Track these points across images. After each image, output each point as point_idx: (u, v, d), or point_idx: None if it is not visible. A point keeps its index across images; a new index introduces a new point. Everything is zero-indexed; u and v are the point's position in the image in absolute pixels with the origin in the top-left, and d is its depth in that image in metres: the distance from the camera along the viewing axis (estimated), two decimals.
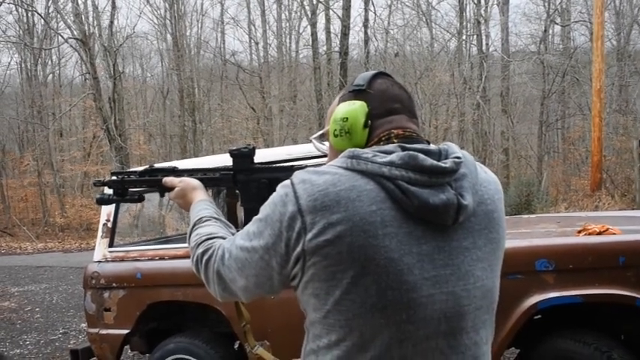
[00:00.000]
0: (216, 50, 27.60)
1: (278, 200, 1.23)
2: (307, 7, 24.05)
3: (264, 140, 23.45)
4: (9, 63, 31.30)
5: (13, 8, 26.13)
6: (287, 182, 1.24)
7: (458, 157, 1.24)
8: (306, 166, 1.58)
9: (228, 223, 1.57)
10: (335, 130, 1.32)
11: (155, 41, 29.21)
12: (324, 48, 23.88)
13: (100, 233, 4.24)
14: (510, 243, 1.96)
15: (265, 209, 1.27)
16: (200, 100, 26.42)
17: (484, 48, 22.48)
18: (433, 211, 1.17)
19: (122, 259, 4.13)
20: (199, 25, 27.42)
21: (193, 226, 1.53)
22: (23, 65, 28.68)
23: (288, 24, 26.24)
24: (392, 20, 24.34)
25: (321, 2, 23.14)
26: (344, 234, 1.14)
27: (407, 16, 24.01)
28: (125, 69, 27.41)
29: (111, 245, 4.21)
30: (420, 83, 20.85)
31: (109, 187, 1.93)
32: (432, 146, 1.26)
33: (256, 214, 1.29)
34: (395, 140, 1.28)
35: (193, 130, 24.98)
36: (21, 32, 27.15)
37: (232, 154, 1.76)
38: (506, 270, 1.38)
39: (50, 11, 25.80)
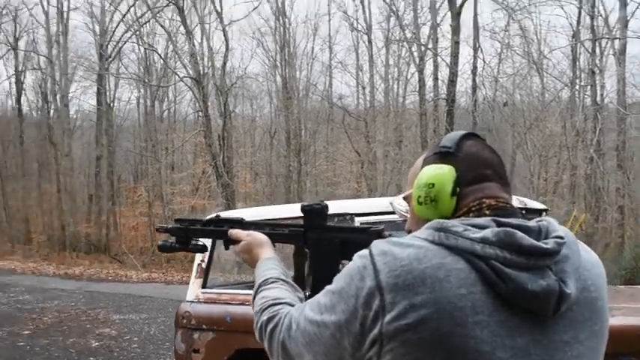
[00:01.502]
0: (323, 93, 28.15)
1: (355, 272, 1.12)
2: (415, 54, 24.11)
3: (368, 185, 23.51)
4: (129, 98, 33.41)
5: (136, 47, 28.17)
6: (365, 252, 1.13)
7: (560, 237, 1.11)
8: (382, 230, 1.58)
9: (296, 286, 1.49)
10: (419, 196, 1.21)
11: (265, 82, 30.24)
12: (431, 95, 23.75)
13: (194, 273, 4.32)
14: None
15: (339, 281, 1.16)
16: (306, 141, 26.93)
17: (598, 99, 21.49)
18: (531, 298, 1.05)
19: (214, 301, 4.12)
20: (309, 69, 28.09)
21: (258, 288, 1.45)
22: (142, 101, 30.64)
23: (395, 69, 26.39)
24: (501, 68, 23.86)
25: (429, 49, 23.12)
26: (428, 319, 1.03)
27: (517, 65, 23.44)
28: (236, 108, 28.52)
29: (204, 286, 4.22)
30: (529, 134, 20.25)
31: (172, 235, 1.87)
32: (531, 223, 1.14)
33: (324, 277, 1.25)
34: (487, 212, 1.16)
35: (298, 171, 25.42)
36: (141, 70, 29.04)
37: (304, 209, 1.66)
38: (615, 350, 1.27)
39: (169, 51, 27.47)
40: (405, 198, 1.38)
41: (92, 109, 30.76)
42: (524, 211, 3.42)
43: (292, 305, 1.34)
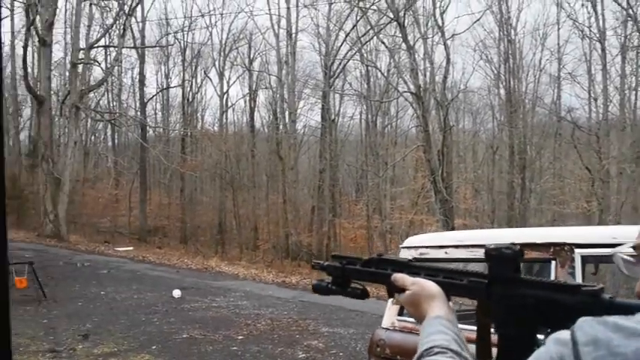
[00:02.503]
0: (551, 106, 28.07)
1: None
2: None
3: (599, 204, 23.06)
4: (353, 114, 36.39)
5: (359, 64, 30.77)
6: (566, 337, 0.92)
7: None
8: (600, 290, 1.17)
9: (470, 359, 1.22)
10: None
11: (488, 96, 30.90)
12: None
13: (390, 299, 4.77)
14: None
15: None
16: (531, 157, 27.05)
17: None
18: None
19: (410, 331, 3.91)
20: (535, 81, 28.23)
21: (420, 358, 1.20)
22: (364, 116, 33.16)
23: (633, 78, 25.54)
24: None
25: None
26: None
27: None
28: (457, 123, 29.60)
29: (401, 313, 4.09)
30: None
31: (328, 274, 1.67)
32: None
33: (513, 347, 1.10)
34: None
35: (522, 188, 25.63)
36: (364, 86, 31.59)
37: (489, 254, 1.34)
38: None
39: (391, 67, 29.57)
40: (635, 247, 1.12)
41: (317, 124, 33.97)
42: None
43: None
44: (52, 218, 26.18)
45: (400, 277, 1.44)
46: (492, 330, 1.38)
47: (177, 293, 14.18)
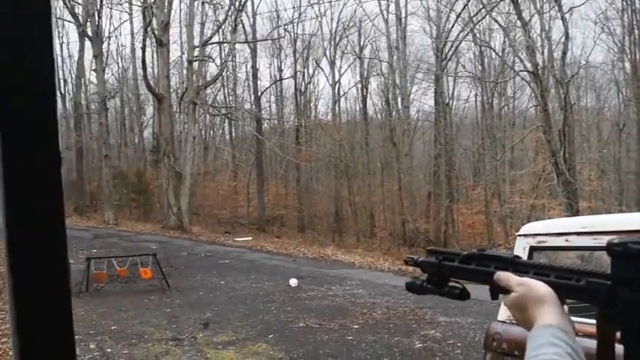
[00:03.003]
0: None
1: None
2: None
3: None
4: (467, 96, 35.52)
5: (472, 45, 29.87)
6: None
7: None
8: None
9: None
10: None
11: (611, 71, 29.19)
12: None
13: None
14: None
15: None
16: None
17: None
18: None
19: None
20: None
21: None
22: (480, 98, 32.22)
23: None
24: None
25: None
26: None
27: None
28: (578, 101, 28.15)
29: None
30: None
31: (423, 270, 1.49)
32: None
33: None
34: None
35: None
36: (478, 67, 30.64)
37: (612, 250, 1.09)
38: None
39: (505, 46, 28.49)
40: None
41: (431, 109, 33.42)
42: None
43: None
44: (175, 211, 27.29)
45: (504, 277, 1.21)
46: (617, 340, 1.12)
47: (293, 282, 14.35)
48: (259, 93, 37.96)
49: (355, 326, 10.25)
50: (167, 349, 8.96)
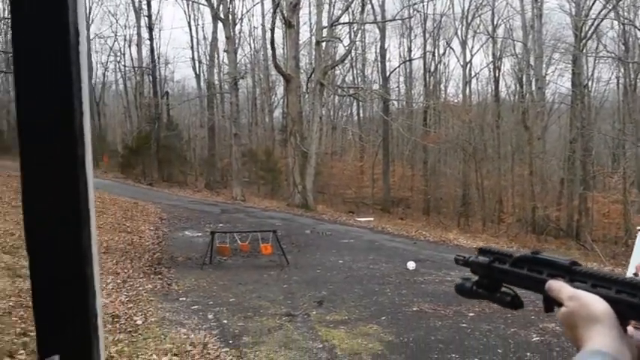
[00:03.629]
0: None
1: None
2: None
3: None
4: (609, 78, 33.42)
5: (614, 23, 27.92)
6: None
7: None
8: None
9: None
10: None
11: None
12: None
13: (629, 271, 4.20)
14: None
15: None
16: None
17: None
18: None
19: None
20: None
21: None
22: (622, 80, 30.17)
23: None
24: None
25: None
26: None
27: None
28: None
29: None
30: None
31: (473, 271, 1.32)
32: None
33: None
34: None
35: None
36: (620, 47, 28.65)
37: None
38: None
39: None
40: None
41: (567, 91, 31.80)
42: None
43: None
44: (300, 189, 27.81)
45: (556, 287, 1.03)
46: None
47: (411, 265, 14.18)
48: (387, 74, 37.76)
49: (470, 314, 9.88)
50: (280, 324, 9.14)
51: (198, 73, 41.82)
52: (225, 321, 9.26)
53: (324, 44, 29.94)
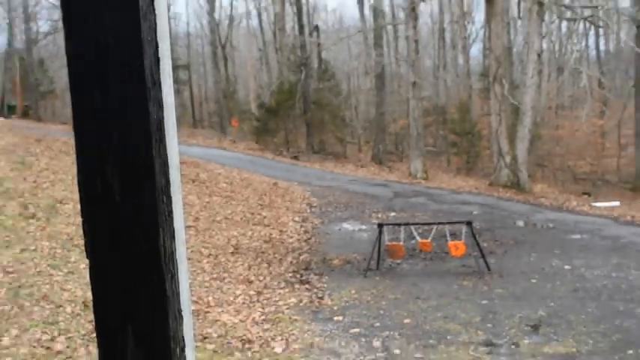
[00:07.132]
0: None
1: None
2: None
3: None
4: None
5: None
6: None
7: None
8: None
9: None
10: None
11: None
12: None
13: None
14: None
15: None
16: None
17: None
18: None
19: None
20: None
21: None
22: None
23: None
24: None
25: None
26: None
27: None
28: None
29: None
30: None
31: None
32: None
33: None
34: None
35: None
36: None
37: None
38: None
39: None
40: None
41: None
42: None
43: None
44: (507, 161, 27.35)
45: None
46: None
47: None
48: None
49: None
50: (476, 357, 9.12)
51: None
52: (398, 351, 9.39)
53: None
